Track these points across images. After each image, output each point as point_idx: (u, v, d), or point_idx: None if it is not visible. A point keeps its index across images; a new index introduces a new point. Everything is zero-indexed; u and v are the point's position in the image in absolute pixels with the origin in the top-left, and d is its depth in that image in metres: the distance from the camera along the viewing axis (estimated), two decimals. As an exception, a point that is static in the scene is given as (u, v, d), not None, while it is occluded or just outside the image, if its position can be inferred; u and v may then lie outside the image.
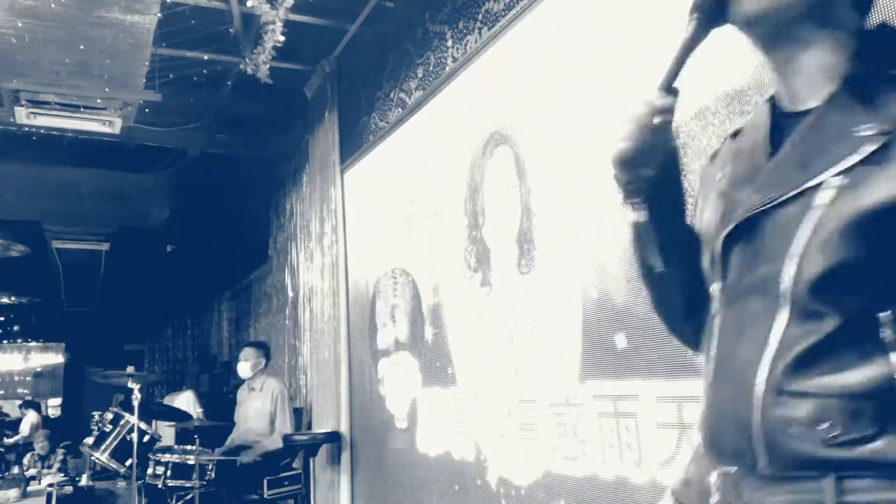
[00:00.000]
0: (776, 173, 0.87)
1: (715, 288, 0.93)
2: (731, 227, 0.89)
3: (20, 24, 3.63)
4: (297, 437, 4.63)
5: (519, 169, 2.96)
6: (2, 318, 13.59)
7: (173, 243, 9.08)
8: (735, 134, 1.03)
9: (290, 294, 6.00)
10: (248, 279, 7.67)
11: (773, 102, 0.95)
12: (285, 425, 4.73)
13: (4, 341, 14.79)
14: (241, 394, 4.93)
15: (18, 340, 14.96)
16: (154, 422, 5.27)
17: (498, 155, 3.13)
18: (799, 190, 0.81)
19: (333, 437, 4.61)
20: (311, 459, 4.70)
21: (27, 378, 16.09)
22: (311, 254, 5.33)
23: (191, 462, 4.14)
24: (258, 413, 4.76)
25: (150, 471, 4.19)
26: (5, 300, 12.20)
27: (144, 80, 4.41)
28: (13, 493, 5.87)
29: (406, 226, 4.00)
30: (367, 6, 4.32)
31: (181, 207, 7.93)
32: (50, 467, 6.78)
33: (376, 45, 4.66)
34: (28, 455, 7.37)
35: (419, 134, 3.91)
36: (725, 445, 0.88)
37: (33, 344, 15.40)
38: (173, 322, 11.40)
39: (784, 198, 0.83)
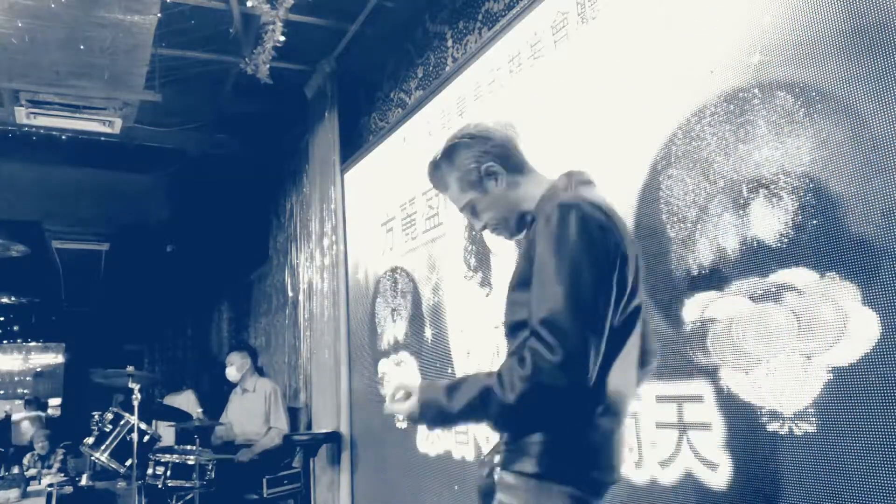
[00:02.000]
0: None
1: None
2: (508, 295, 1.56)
3: (20, 24, 3.62)
4: (297, 437, 4.64)
5: (519, 169, 2.96)
6: (2, 318, 13.59)
7: (173, 243, 9.08)
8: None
9: (290, 294, 6.00)
10: (248, 279, 7.67)
11: None
12: (280, 421, 4.77)
13: (4, 341, 14.80)
14: (234, 396, 5.04)
15: (18, 340, 14.96)
16: (154, 422, 5.28)
17: (498, 155, 3.13)
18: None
19: (333, 437, 4.61)
20: (311, 459, 4.70)
21: (27, 378, 16.10)
22: (311, 254, 5.33)
23: (191, 462, 4.14)
24: (253, 414, 4.80)
25: (150, 471, 4.18)
26: (5, 300, 12.21)
27: (144, 80, 4.41)
28: (13, 493, 5.86)
29: (406, 226, 4.00)
30: (367, 6, 4.32)
31: (181, 207, 7.93)
32: (50, 467, 6.76)
33: (376, 45, 4.66)
34: (28, 455, 7.35)
35: (419, 134, 3.91)
36: None
37: (33, 344, 15.40)
38: (173, 322, 11.40)
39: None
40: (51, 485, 4.93)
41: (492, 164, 1.56)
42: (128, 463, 4.17)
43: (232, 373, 5.04)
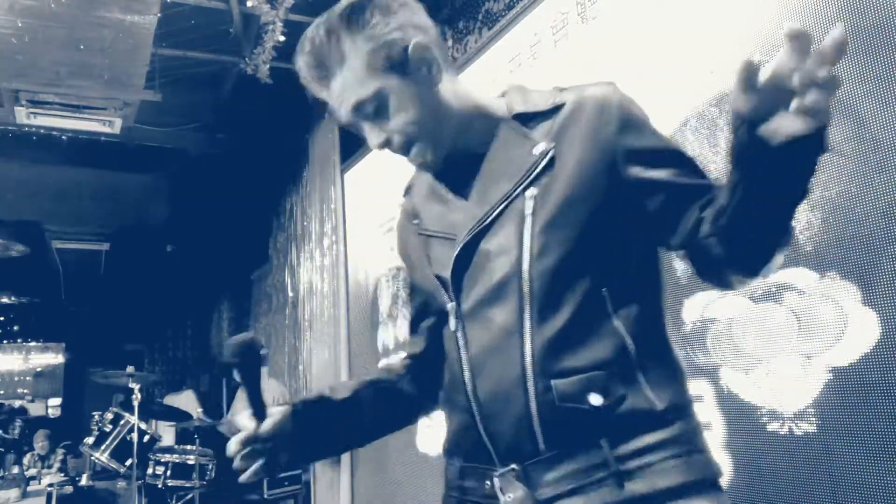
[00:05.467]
0: (480, 200, 0.98)
1: (450, 307, 0.99)
2: (458, 248, 0.97)
3: (20, 24, 3.62)
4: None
5: (519, 169, 2.95)
6: (2, 318, 13.58)
7: (173, 243, 9.08)
8: (406, 192, 1.20)
9: (290, 294, 6.00)
10: (248, 279, 7.67)
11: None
12: None
13: (4, 341, 14.78)
14: (241, 394, 4.96)
15: (18, 340, 14.95)
16: (154, 422, 5.28)
17: (498, 155, 3.12)
18: (506, 201, 0.93)
19: (333, 437, 4.60)
20: (311, 459, 4.69)
21: (27, 378, 16.08)
22: (311, 254, 5.33)
23: (191, 462, 4.14)
24: None
25: (150, 471, 4.19)
26: (5, 300, 12.21)
27: (144, 80, 4.41)
28: (13, 493, 5.86)
29: (406, 226, 3.99)
30: (367, 6, 4.32)
31: (181, 207, 7.93)
32: (50, 467, 6.76)
33: (376, 45, 4.65)
34: (28, 455, 7.36)
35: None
36: (500, 444, 0.92)
37: (33, 344, 15.38)
38: (173, 322, 11.40)
39: (497, 211, 0.94)
40: (51, 485, 4.94)
41: (426, 42, 1.00)
42: (128, 463, 4.17)
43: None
